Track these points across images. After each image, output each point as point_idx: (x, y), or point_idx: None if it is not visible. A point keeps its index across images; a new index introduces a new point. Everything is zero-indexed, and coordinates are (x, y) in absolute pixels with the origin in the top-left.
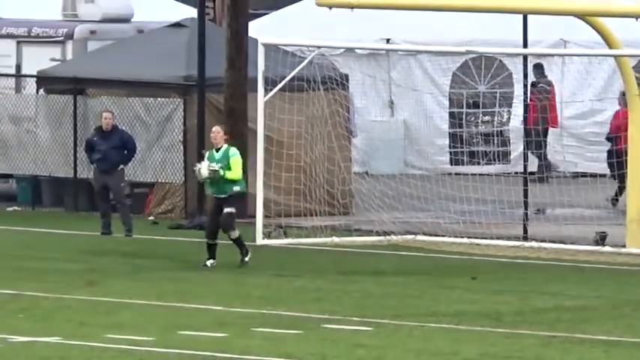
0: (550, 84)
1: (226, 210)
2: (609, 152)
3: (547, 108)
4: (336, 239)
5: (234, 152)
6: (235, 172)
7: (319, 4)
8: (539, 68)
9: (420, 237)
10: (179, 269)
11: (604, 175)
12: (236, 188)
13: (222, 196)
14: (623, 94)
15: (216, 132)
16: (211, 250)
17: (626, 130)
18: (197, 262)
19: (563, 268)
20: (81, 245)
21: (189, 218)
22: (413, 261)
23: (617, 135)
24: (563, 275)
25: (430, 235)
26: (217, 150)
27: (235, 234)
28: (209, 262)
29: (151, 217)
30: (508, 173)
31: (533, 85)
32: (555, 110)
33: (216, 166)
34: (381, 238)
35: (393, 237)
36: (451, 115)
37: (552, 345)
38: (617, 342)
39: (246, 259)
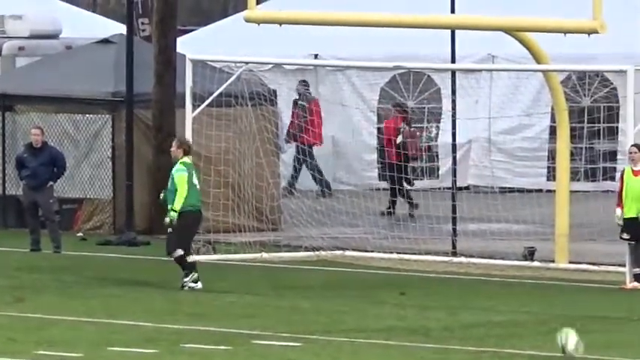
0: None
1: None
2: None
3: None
4: (265, 255)
5: (176, 169)
6: (176, 201)
7: (248, 20)
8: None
9: (348, 252)
10: (108, 285)
11: (532, 191)
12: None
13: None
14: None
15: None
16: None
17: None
18: (126, 278)
19: (492, 284)
20: (10, 262)
21: (117, 234)
22: (342, 276)
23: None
24: (492, 290)
25: (359, 250)
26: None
27: (176, 254)
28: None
29: (80, 234)
30: (437, 188)
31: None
32: (318, 126)
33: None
34: (310, 253)
35: (322, 252)
36: (379, 130)
37: None
38: (547, 357)
39: (185, 280)
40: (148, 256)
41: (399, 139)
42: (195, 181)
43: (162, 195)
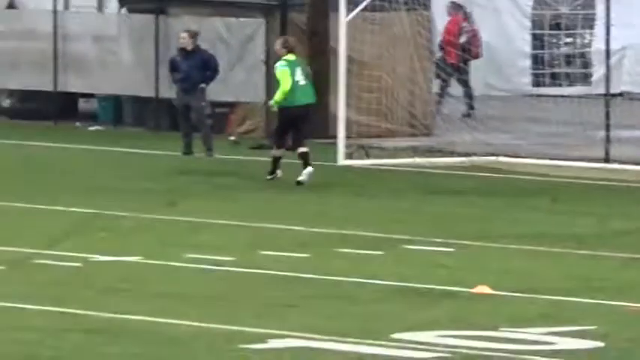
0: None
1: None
2: None
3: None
4: (417, 160)
5: (277, 65)
6: (277, 94)
7: None
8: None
9: (501, 158)
10: (260, 189)
11: None
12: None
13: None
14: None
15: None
16: (275, 164)
17: None
18: (278, 182)
19: None
20: (162, 165)
21: (270, 138)
22: (494, 182)
23: None
24: None
25: (511, 156)
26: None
27: (275, 152)
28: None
29: (232, 137)
30: (590, 95)
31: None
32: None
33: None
34: (463, 159)
35: (475, 158)
36: (533, 36)
37: (632, 267)
38: None
39: (268, 177)
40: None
41: (463, 39)
42: (299, 77)
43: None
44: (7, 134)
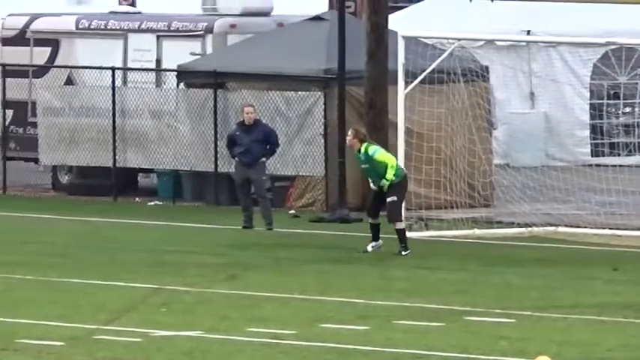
0: None
1: (388, 200)
2: None
3: None
4: (477, 231)
5: (373, 151)
6: (389, 173)
7: None
8: None
9: (561, 228)
10: (321, 262)
11: None
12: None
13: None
14: None
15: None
16: (373, 231)
17: None
18: (339, 255)
19: None
20: (222, 239)
21: (330, 211)
22: (554, 252)
23: None
24: None
25: (571, 226)
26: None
27: (400, 225)
28: (370, 246)
29: (292, 211)
30: None
31: None
32: None
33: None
34: (522, 229)
35: (535, 228)
36: (592, 106)
37: None
38: None
39: (404, 253)
40: (360, 232)
41: None
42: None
43: (373, 185)
44: (67, 210)
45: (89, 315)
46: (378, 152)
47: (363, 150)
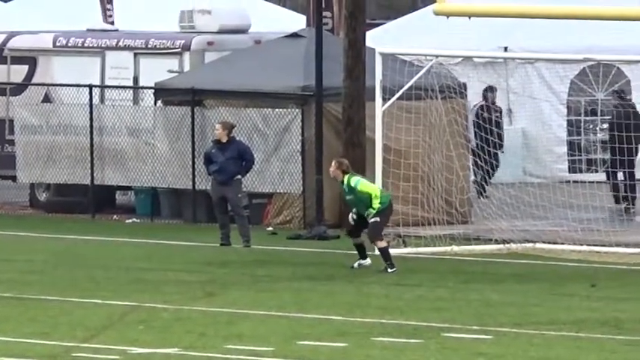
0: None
1: (371, 220)
2: None
3: None
4: (455, 248)
5: (355, 182)
6: (374, 203)
7: (437, 13)
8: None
9: (539, 245)
10: (298, 279)
11: None
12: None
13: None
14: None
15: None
16: (358, 250)
17: None
18: (317, 272)
19: None
20: (200, 256)
21: (308, 228)
22: (532, 269)
23: None
24: None
25: (549, 242)
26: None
27: (381, 244)
28: (357, 263)
29: (270, 228)
30: (625, 181)
31: None
32: None
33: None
34: (500, 246)
35: (512, 245)
36: (569, 122)
37: None
38: None
39: (390, 270)
40: (337, 249)
41: None
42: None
43: (352, 216)
44: (45, 228)
45: (67, 333)
46: (360, 183)
47: (345, 182)
